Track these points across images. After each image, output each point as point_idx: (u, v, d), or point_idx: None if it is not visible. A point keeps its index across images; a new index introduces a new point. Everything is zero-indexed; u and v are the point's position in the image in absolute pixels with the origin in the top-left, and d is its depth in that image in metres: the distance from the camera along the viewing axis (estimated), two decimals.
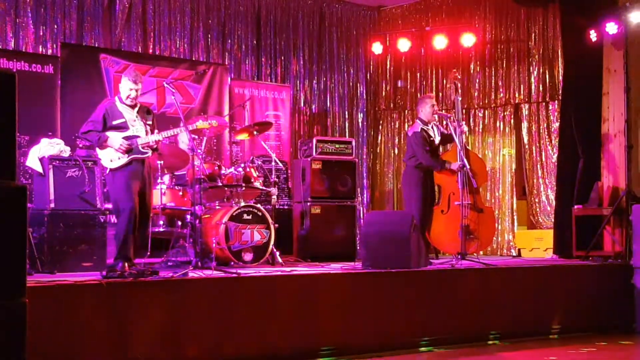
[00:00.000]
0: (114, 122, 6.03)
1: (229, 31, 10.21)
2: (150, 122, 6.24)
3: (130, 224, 5.90)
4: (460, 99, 7.70)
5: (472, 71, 10.69)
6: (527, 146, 10.26)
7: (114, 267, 5.73)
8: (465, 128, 7.65)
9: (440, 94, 10.81)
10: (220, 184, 7.27)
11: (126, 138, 5.99)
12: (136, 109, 6.17)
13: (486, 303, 6.62)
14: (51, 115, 8.23)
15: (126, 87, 6.08)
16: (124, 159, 5.98)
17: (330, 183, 8.64)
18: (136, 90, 6.12)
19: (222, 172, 7.34)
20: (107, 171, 6.07)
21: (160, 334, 5.04)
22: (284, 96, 10.36)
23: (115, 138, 5.97)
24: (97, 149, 6.09)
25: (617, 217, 8.06)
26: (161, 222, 6.91)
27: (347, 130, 11.25)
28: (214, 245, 6.77)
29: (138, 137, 6.05)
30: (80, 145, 7.78)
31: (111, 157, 5.99)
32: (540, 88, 10.09)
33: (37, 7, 8.63)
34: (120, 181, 5.98)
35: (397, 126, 11.43)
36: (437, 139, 7.64)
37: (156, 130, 6.22)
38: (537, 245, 9.60)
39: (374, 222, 6.93)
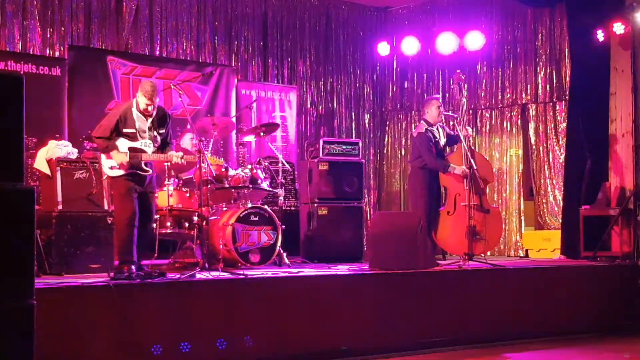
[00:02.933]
0: (125, 130, 6.01)
1: (235, 33, 10.22)
2: (163, 130, 6.20)
3: (131, 229, 5.87)
4: (465, 100, 7.69)
5: (478, 72, 10.67)
6: (534, 147, 10.22)
7: (121, 269, 5.74)
8: (470, 131, 7.61)
9: (447, 95, 10.78)
10: (227, 186, 7.28)
11: (132, 149, 5.97)
12: (151, 117, 6.12)
13: (493, 304, 6.61)
14: (59, 117, 8.24)
15: (142, 102, 6.04)
16: (122, 172, 5.97)
17: (337, 184, 8.64)
18: (152, 107, 6.06)
19: (229, 173, 7.34)
20: (105, 176, 6.09)
21: (168, 335, 5.04)
22: (291, 97, 10.36)
23: (120, 152, 5.94)
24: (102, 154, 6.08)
25: (624, 217, 8.03)
26: (168, 224, 6.91)
27: (353, 131, 11.24)
28: (221, 246, 6.77)
29: (144, 152, 6.04)
30: (88, 147, 7.80)
31: (111, 164, 5.97)
32: (547, 88, 10.05)
33: (44, 9, 8.66)
34: (120, 187, 5.96)
35: (403, 127, 11.42)
36: (443, 140, 7.63)
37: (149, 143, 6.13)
38: (545, 246, 9.57)
39: (381, 223, 6.93)
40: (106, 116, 6.15)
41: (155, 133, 6.13)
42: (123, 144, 5.99)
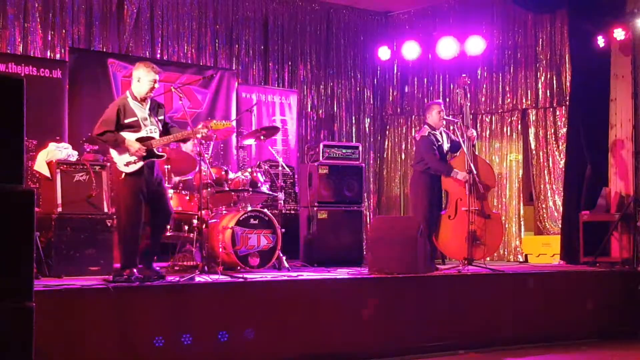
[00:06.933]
0: (127, 121, 5.79)
1: (236, 36, 10.23)
2: (161, 117, 6.04)
3: (136, 232, 5.77)
4: (468, 104, 7.69)
5: (479, 77, 10.68)
6: (534, 152, 10.23)
7: (120, 272, 5.72)
8: (474, 133, 7.62)
9: (448, 100, 10.80)
10: (227, 189, 7.28)
11: (140, 140, 5.78)
12: (147, 105, 5.94)
13: (493, 309, 6.61)
14: (59, 120, 8.25)
15: (148, 79, 5.84)
16: (140, 163, 5.76)
17: (336, 188, 8.63)
18: (158, 81, 5.93)
19: (229, 176, 7.35)
20: (123, 175, 5.79)
21: (167, 338, 5.04)
22: (291, 101, 10.37)
23: (132, 141, 5.74)
24: (113, 151, 5.81)
25: (624, 223, 8.04)
26: (168, 227, 6.91)
27: (353, 135, 11.25)
28: (220, 249, 6.77)
29: (153, 138, 5.86)
30: (88, 150, 7.81)
31: (127, 160, 5.74)
32: (548, 94, 10.06)
33: (45, 12, 8.67)
34: (130, 187, 5.76)
35: (403, 131, 11.43)
36: (446, 145, 7.61)
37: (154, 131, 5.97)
38: (544, 251, 9.57)
39: (381, 227, 6.93)
40: (104, 114, 5.89)
41: (155, 119, 5.96)
42: (129, 136, 5.77)
